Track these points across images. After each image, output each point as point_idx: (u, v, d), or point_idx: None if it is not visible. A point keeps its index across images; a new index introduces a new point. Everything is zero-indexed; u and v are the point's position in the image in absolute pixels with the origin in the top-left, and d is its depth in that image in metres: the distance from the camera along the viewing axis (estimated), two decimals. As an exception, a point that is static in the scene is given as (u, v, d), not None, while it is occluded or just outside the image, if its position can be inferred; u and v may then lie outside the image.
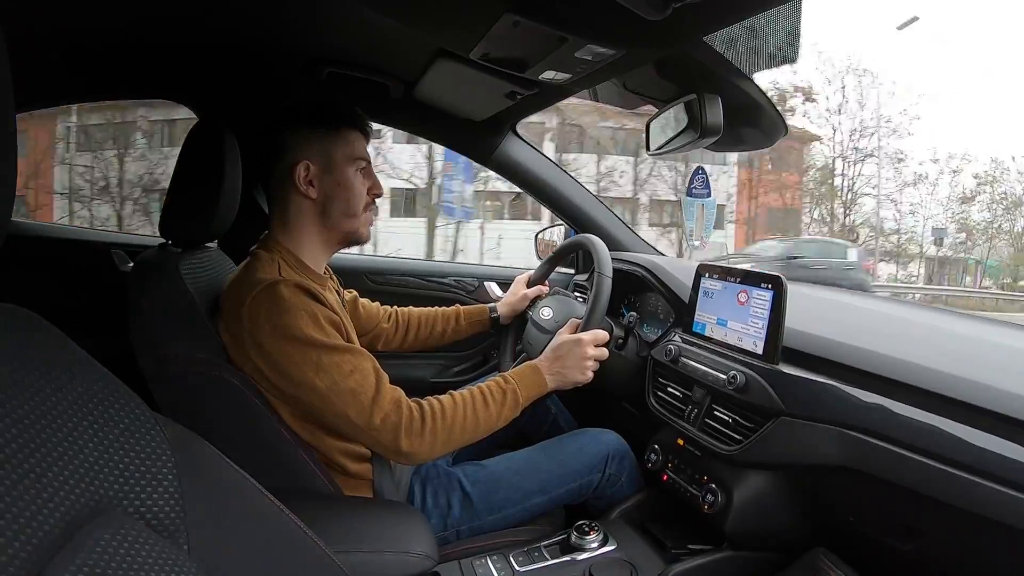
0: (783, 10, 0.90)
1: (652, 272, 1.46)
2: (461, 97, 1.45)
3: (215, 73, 1.48)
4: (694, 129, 1.07)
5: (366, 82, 1.42)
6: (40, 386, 0.40)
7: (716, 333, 1.12)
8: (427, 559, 0.89)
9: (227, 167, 1.05)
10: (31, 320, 0.43)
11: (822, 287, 1.63)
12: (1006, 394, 0.74)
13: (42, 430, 0.38)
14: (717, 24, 0.89)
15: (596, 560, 1.04)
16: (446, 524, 1.12)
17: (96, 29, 1.23)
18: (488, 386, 1.06)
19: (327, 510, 0.96)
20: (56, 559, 0.34)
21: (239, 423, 0.96)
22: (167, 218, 1.07)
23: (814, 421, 0.89)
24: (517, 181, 1.77)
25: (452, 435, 0.99)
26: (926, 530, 0.80)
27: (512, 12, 0.88)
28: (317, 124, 1.04)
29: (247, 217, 1.19)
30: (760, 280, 1.02)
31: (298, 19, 1.19)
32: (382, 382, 0.97)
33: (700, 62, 0.99)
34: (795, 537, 0.99)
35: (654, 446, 1.22)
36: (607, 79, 1.18)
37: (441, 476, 1.16)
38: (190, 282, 1.00)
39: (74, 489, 0.38)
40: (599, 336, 1.17)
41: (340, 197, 1.06)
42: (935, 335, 1.08)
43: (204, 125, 1.08)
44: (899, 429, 0.79)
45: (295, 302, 0.92)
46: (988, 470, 0.69)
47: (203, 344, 0.96)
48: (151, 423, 0.46)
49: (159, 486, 0.43)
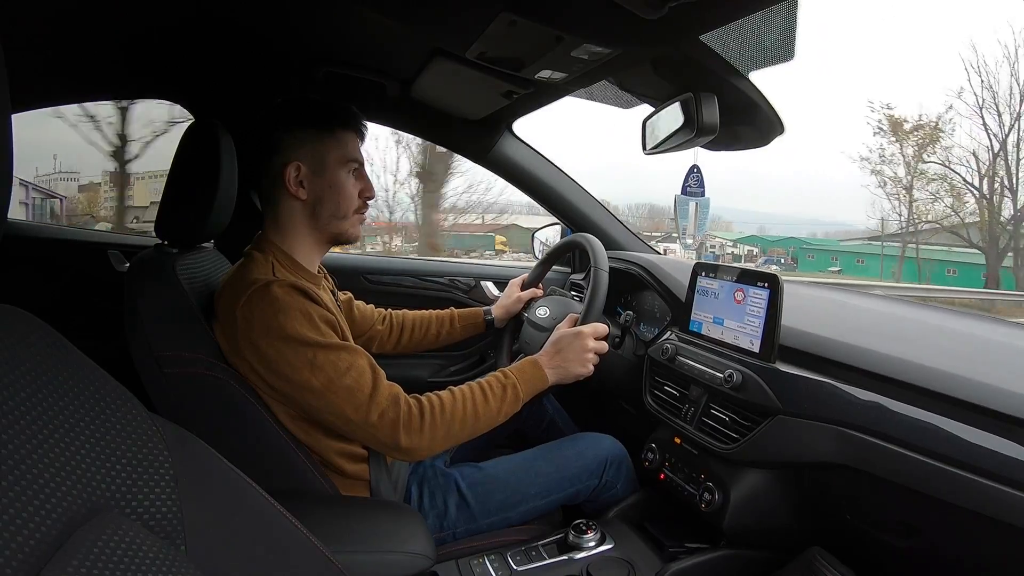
0: (779, 8, 0.90)
1: (649, 271, 1.46)
2: (458, 96, 1.45)
3: (211, 73, 1.48)
4: (690, 128, 1.07)
5: (363, 81, 1.42)
6: (36, 387, 0.40)
7: (713, 332, 1.12)
8: (424, 559, 0.89)
9: (223, 167, 1.05)
10: (28, 320, 0.43)
11: (820, 287, 1.63)
12: (1003, 392, 0.74)
13: (39, 431, 0.38)
14: (713, 23, 0.89)
15: (594, 559, 1.04)
16: (442, 525, 1.11)
17: (93, 29, 1.23)
18: (488, 381, 1.06)
19: (324, 510, 0.95)
20: (54, 560, 0.34)
21: (236, 423, 0.95)
22: (163, 218, 1.06)
23: (811, 419, 0.89)
24: (514, 180, 1.77)
25: (452, 430, 0.99)
26: (923, 527, 0.80)
27: (508, 11, 0.89)
28: (310, 124, 1.03)
29: (243, 217, 1.19)
30: (756, 279, 1.02)
31: (295, 19, 1.19)
32: (379, 378, 0.96)
33: (696, 61, 0.99)
34: (792, 535, 0.99)
35: (651, 445, 1.22)
36: (603, 78, 1.18)
37: (439, 477, 1.16)
38: (186, 282, 1.00)
39: (71, 490, 0.38)
40: (599, 329, 1.17)
41: (330, 199, 1.05)
42: (931, 333, 1.08)
43: (200, 125, 1.08)
44: (896, 427, 0.80)
45: (289, 302, 0.92)
46: (985, 467, 0.70)
47: (199, 344, 0.96)
48: (148, 423, 0.46)
49: (156, 487, 0.43)
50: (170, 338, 0.96)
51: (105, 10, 1.14)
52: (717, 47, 0.97)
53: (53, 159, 10.14)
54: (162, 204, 1.06)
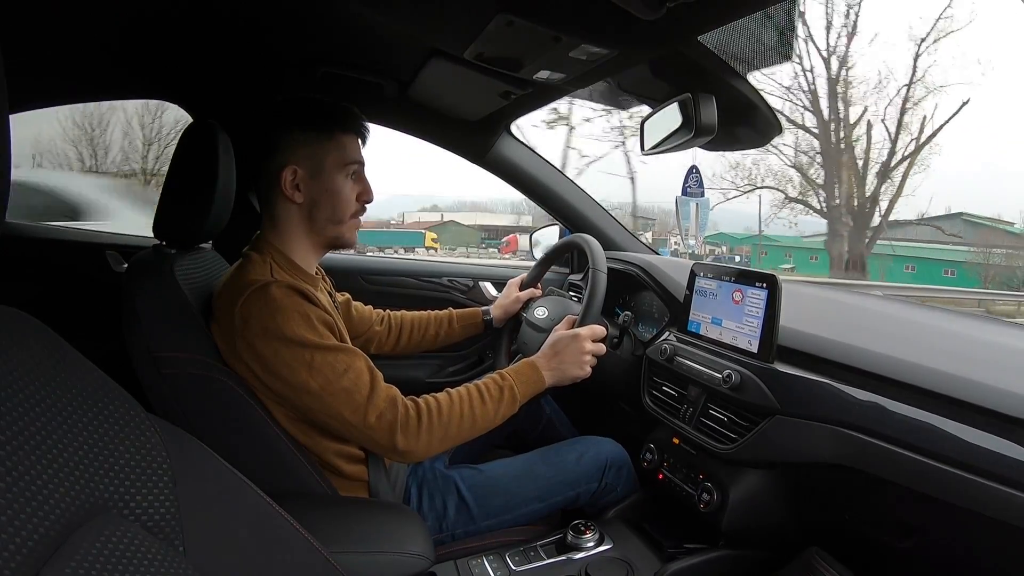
0: (777, 9, 0.91)
1: (647, 271, 1.46)
2: (456, 97, 1.45)
3: (209, 73, 1.47)
4: (688, 128, 1.08)
5: (361, 82, 1.42)
6: (34, 388, 0.40)
7: (711, 332, 1.12)
8: (423, 559, 0.89)
9: (221, 168, 1.04)
10: (25, 321, 0.43)
11: (819, 287, 1.64)
12: (1000, 391, 0.74)
13: (36, 432, 0.38)
14: (711, 23, 0.89)
15: (592, 559, 1.04)
16: (442, 527, 1.11)
17: (90, 29, 1.23)
18: (485, 383, 1.06)
19: (323, 511, 0.95)
20: (52, 561, 0.34)
21: (234, 424, 0.95)
22: (161, 219, 1.06)
23: (809, 419, 0.90)
24: (512, 181, 1.77)
25: (449, 432, 0.99)
26: (921, 527, 0.80)
27: (506, 12, 0.89)
28: (309, 126, 1.03)
29: (242, 218, 1.19)
30: (755, 279, 1.02)
31: (293, 19, 1.19)
32: (376, 380, 0.96)
33: (694, 61, 0.99)
34: (790, 535, 0.99)
35: (650, 445, 1.22)
36: (601, 79, 1.18)
37: (438, 479, 1.16)
38: (184, 283, 1.00)
39: (69, 491, 0.38)
40: (596, 331, 1.17)
41: (327, 203, 1.04)
42: (929, 333, 1.08)
43: (198, 125, 1.08)
44: (894, 426, 0.80)
45: (287, 303, 0.92)
46: (982, 467, 0.70)
47: (197, 345, 0.96)
48: (146, 424, 0.46)
49: (154, 488, 0.43)
50: (168, 339, 0.96)
51: (104, 10, 1.13)
52: (715, 48, 0.97)
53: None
54: (160, 204, 1.06)
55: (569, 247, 1.48)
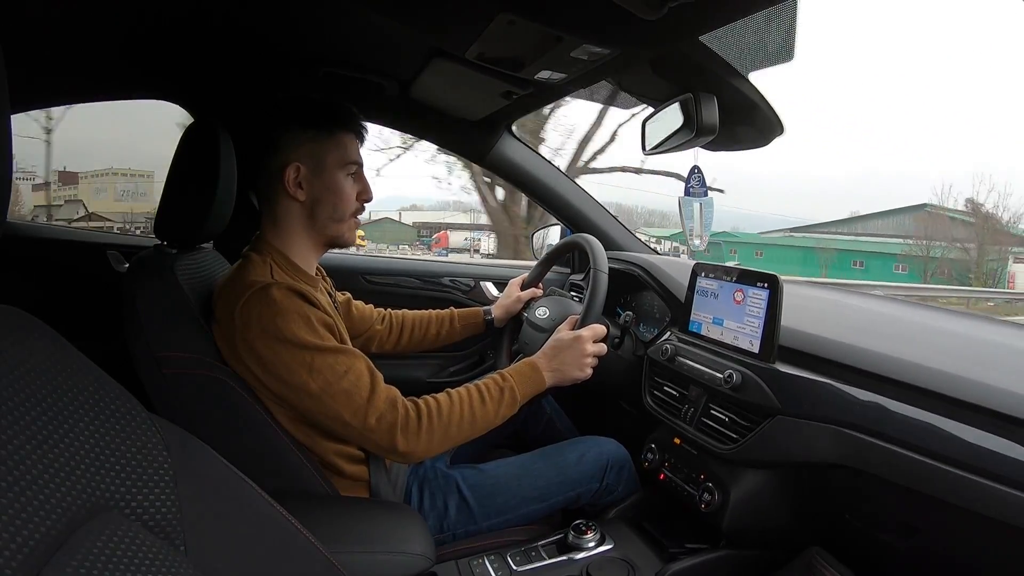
0: (779, 9, 0.90)
1: (648, 271, 1.46)
2: (457, 97, 1.45)
3: (210, 73, 1.47)
4: (689, 128, 1.08)
5: (362, 82, 1.42)
6: (36, 387, 0.40)
7: (712, 332, 1.12)
8: (424, 559, 0.89)
9: (222, 167, 1.05)
10: (26, 321, 0.43)
11: (819, 287, 1.63)
12: (1001, 391, 0.74)
13: (38, 431, 0.38)
14: (713, 23, 0.89)
15: (593, 559, 1.04)
16: (443, 527, 1.11)
17: (92, 29, 1.22)
18: (485, 384, 1.06)
19: (324, 510, 0.95)
20: (53, 560, 0.34)
21: (234, 424, 0.95)
22: (163, 219, 1.06)
23: (810, 419, 0.89)
24: (513, 181, 1.77)
25: (449, 433, 0.99)
26: (922, 527, 0.80)
27: (507, 11, 0.89)
28: (310, 125, 1.03)
29: (243, 217, 1.19)
30: (756, 279, 1.02)
31: (294, 19, 1.19)
32: (377, 382, 0.96)
33: (696, 61, 0.99)
34: (792, 535, 0.99)
35: (651, 445, 1.22)
36: (603, 78, 1.18)
37: (439, 478, 1.16)
38: (185, 283, 1.00)
39: (71, 490, 0.38)
40: (598, 332, 1.17)
41: (328, 201, 1.05)
42: (930, 333, 1.08)
43: (199, 125, 1.08)
44: (895, 426, 0.79)
45: (287, 305, 0.92)
46: (983, 467, 0.70)
47: (198, 345, 0.96)
48: (147, 424, 0.46)
49: (155, 487, 0.43)
50: (169, 338, 0.96)
51: (104, 10, 1.13)
52: (717, 48, 0.97)
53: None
54: (161, 204, 1.06)
55: (570, 247, 1.48)
